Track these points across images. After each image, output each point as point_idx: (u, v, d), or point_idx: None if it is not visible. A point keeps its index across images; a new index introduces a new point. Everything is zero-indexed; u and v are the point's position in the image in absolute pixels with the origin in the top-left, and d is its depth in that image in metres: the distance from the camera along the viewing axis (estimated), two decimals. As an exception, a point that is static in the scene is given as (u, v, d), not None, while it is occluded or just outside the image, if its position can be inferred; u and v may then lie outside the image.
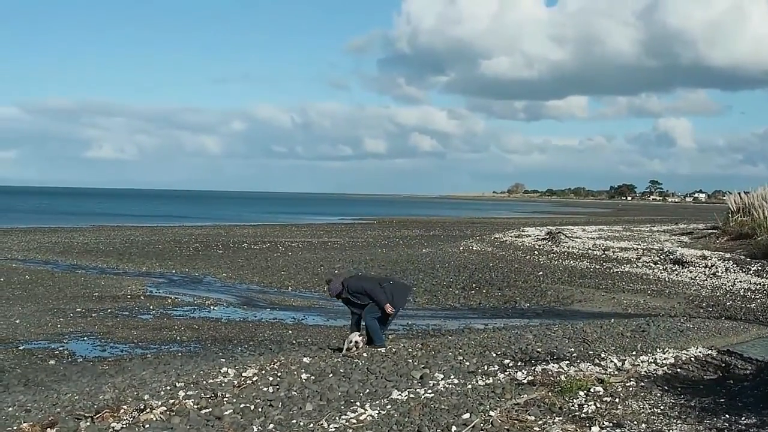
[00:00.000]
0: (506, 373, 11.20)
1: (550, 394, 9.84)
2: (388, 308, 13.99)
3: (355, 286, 14.25)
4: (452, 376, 11.05)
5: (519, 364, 11.87)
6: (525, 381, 10.58)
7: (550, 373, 10.98)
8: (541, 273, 32.06)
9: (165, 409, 9.92)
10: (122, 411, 9.98)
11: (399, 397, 10.00)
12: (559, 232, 44.73)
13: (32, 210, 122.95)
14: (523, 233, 47.00)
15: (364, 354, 13.07)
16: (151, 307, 24.86)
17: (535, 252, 38.91)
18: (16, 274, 33.01)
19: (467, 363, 12.03)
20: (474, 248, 42.18)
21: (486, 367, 11.66)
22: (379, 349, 13.61)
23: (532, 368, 11.38)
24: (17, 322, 21.57)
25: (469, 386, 10.40)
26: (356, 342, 13.99)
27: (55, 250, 46.08)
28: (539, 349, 13.25)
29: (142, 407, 10.06)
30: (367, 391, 10.48)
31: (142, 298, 27.03)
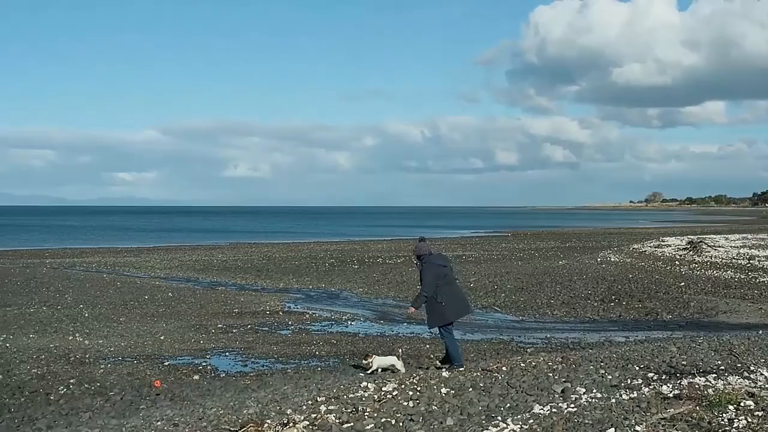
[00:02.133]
0: (651, 386, 10.92)
1: (697, 408, 9.54)
2: (411, 309, 15.31)
3: (432, 260, 14.85)
4: (595, 390, 10.83)
5: (664, 377, 11.56)
6: (671, 395, 10.29)
7: (696, 386, 10.65)
8: (683, 284, 31.32)
9: (308, 423, 10.00)
10: (266, 425, 10.09)
11: (541, 411, 9.85)
12: (700, 242, 43.68)
13: (172, 229, 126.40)
14: (662, 243, 46.05)
15: (504, 368, 12.94)
16: (290, 323, 25.16)
17: (676, 262, 38.05)
18: (160, 291, 33.88)
19: (609, 376, 11.77)
20: (612, 259, 41.50)
21: (629, 381, 11.39)
22: (458, 369, 13.66)
23: (678, 381, 11.06)
24: (162, 338, 22.10)
25: (613, 400, 10.17)
26: (393, 365, 14.64)
27: (196, 267, 47.20)
28: (684, 362, 12.89)
29: (285, 421, 10.16)
30: (508, 405, 10.35)
31: (280, 313, 27.40)
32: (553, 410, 9.84)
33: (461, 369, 13.70)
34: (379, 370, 14.59)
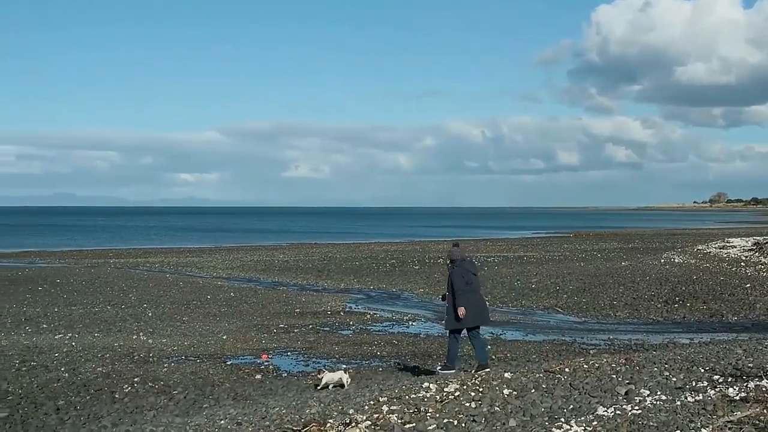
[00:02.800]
0: (716, 389, 10.76)
1: (765, 411, 9.38)
2: (461, 310, 15.38)
3: (463, 266, 15.55)
4: (659, 392, 10.70)
5: (730, 380, 11.38)
6: (737, 398, 10.12)
7: (763, 389, 10.47)
8: (748, 285, 30.85)
9: (370, 423, 10.00)
10: (328, 425, 10.11)
11: (605, 413, 9.74)
12: (767, 243, 42.96)
13: (234, 229, 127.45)
14: (727, 244, 45.33)
15: (566, 369, 12.84)
16: (351, 323, 25.22)
17: (742, 263, 37.48)
18: (222, 291, 34.17)
19: (674, 379, 11.62)
20: (676, 260, 41.02)
21: (694, 383, 11.23)
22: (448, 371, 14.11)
23: (744, 384, 10.89)
24: (224, 338, 22.26)
25: (678, 403, 10.03)
26: (340, 379, 15.04)
27: (257, 268, 47.53)
28: (750, 365, 12.69)
29: (347, 421, 10.16)
30: (571, 407, 10.26)
31: (341, 313, 27.48)
32: (617, 412, 9.73)
33: (452, 371, 14.43)
34: (330, 386, 15.02)
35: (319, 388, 15.08)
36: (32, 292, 33.24)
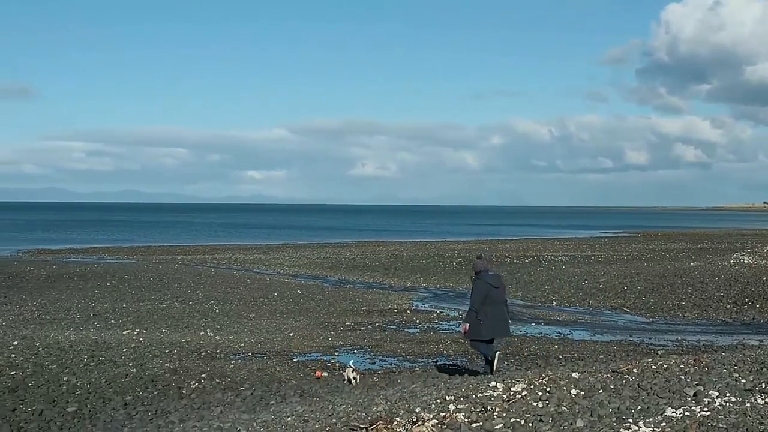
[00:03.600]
0: (787, 391, 10.63)
1: (837, 414, 9.26)
2: (464, 327, 15.92)
3: (486, 279, 15.76)
4: (728, 394, 10.58)
5: (801, 382, 11.24)
6: (808, 400, 10.00)
7: (836, 392, 10.33)
8: (820, 286, 30.36)
9: (436, 422, 10.02)
10: (395, 423, 10.15)
11: (673, 414, 9.67)
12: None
13: (301, 227, 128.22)
14: (799, 245, 44.64)
15: (634, 370, 12.75)
16: (417, 321, 25.24)
17: (813, 264, 36.88)
18: (289, 288, 34.37)
19: (743, 380, 11.48)
20: (745, 261, 40.47)
21: (764, 385, 11.09)
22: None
23: (816, 387, 10.74)
24: (291, 335, 22.41)
25: (748, 405, 9.92)
26: (352, 378, 16.14)
27: (324, 265, 47.74)
28: (822, 367, 12.51)
29: (414, 420, 10.20)
30: (639, 407, 10.20)
31: (408, 312, 27.51)
32: (686, 413, 9.66)
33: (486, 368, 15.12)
34: (346, 380, 16.35)
35: (346, 381, 16.13)
36: (101, 288, 33.73)
